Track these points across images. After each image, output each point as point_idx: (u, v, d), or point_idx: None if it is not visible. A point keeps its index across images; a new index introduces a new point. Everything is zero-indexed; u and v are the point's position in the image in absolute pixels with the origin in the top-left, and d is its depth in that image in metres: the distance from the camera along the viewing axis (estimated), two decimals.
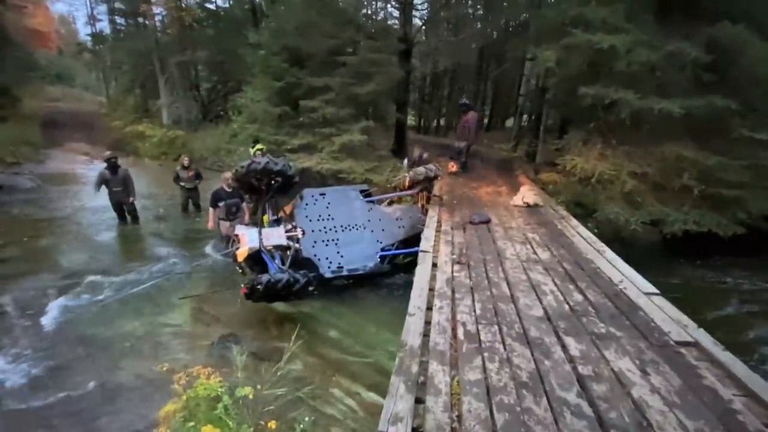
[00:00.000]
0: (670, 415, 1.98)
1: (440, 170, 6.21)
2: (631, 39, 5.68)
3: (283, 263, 4.64)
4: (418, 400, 2.11)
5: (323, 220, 5.61)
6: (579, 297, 3.32)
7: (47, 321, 4.19)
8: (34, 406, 3.06)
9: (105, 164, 7.05)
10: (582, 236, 4.91)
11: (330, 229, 5.56)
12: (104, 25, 23.67)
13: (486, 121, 22.25)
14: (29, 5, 23.94)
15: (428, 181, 6.39)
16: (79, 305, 4.54)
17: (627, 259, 4.09)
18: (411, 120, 22.97)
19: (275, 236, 4.79)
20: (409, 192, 6.62)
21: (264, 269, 4.64)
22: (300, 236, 5.00)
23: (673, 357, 2.48)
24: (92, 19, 24.34)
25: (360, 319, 4.53)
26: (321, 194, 5.90)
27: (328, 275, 5.04)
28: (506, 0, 15.35)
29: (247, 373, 2.51)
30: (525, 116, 15.01)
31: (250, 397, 1.93)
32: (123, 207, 7.38)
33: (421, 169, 6.17)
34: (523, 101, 13.45)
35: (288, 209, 5.72)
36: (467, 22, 17.43)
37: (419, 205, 6.48)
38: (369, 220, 5.78)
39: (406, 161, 8.65)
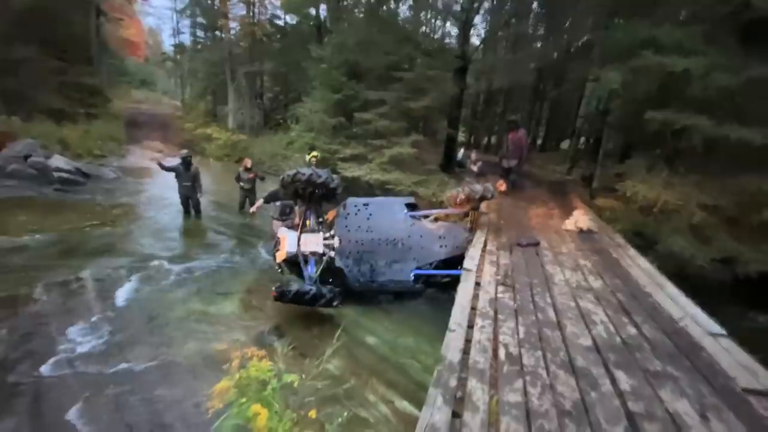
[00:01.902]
0: None
1: (495, 191, 5.73)
2: (708, 62, 5.33)
3: (317, 269, 4.80)
4: (455, 414, 2.12)
5: (362, 231, 5.57)
6: (633, 331, 3.13)
7: (119, 297, 4.67)
8: (101, 371, 3.41)
9: (180, 159, 7.75)
10: (640, 267, 4.62)
11: (367, 242, 5.51)
12: (186, 37, 26.18)
13: (540, 142, 21.65)
14: (126, 18, 27.13)
15: (481, 201, 6.02)
16: (146, 286, 5.01)
17: (692, 299, 3.78)
18: (461, 136, 22.91)
19: (312, 243, 4.90)
20: (459, 211, 6.27)
21: (300, 270, 4.87)
22: (336, 245, 5.04)
23: (739, 405, 2.27)
24: (176, 31, 27.00)
25: (399, 329, 4.57)
26: (364, 204, 5.80)
27: (355, 286, 5.14)
28: (569, 20, 14.98)
29: (287, 365, 2.64)
30: (582, 139, 14.43)
31: (295, 385, 2.04)
32: (189, 201, 8.06)
33: (478, 187, 5.73)
34: (582, 123, 12.96)
35: (331, 215, 5.77)
36: (526, 42, 17.18)
37: (467, 225, 6.13)
38: (409, 236, 5.60)
39: (461, 152, 8.62)
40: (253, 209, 6.84)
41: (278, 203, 6.28)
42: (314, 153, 8.00)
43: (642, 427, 2.06)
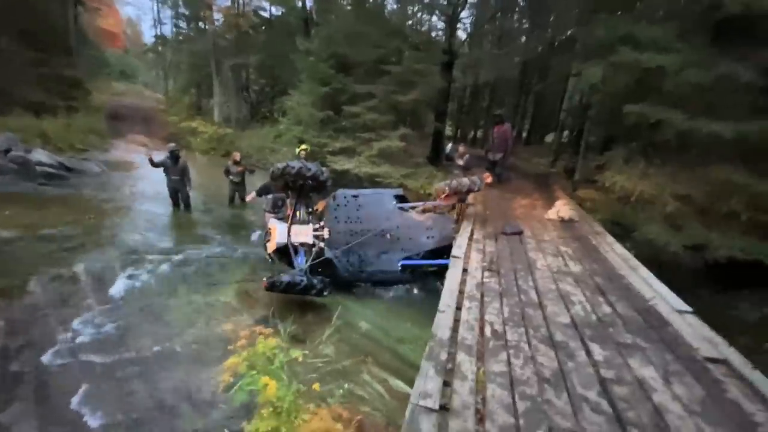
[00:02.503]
0: (689, 420, 2.07)
1: (482, 184, 5.93)
2: (682, 59, 5.62)
3: (307, 259, 4.95)
4: (446, 383, 2.31)
5: (351, 222, 5.72)
6: (608, 309, 3.38)
7: (114, 289, 4.73)
8: (103, 359, 3.51)
9: (168, 153, 7.74)
10: (616, 252, 4.91)
11: (356, 232, 5.65)
12: (168, 29, 25.61)
13: (525, 135, 22.05)
14: (103, 7, 26.34)
15: (468, 193, 6.23)
16: (140, 278, 5.07)
17: (666, 283, 4.05)
18: (448, 130, 23.14)
19: (303, 234, 5.04)
20: (447, 203, 6.39)
21: (290, 260, 5.01)
22: (326, 236, 5.16)
23: (699, 371, 2.53)
24: (157, 22, 26.36)
25: (392, 315, 4.76)
26: (354, 196, 5.91)
27: (344, 276, 5.31)
28: (554, 15, 15.25)
29: (289, 345, 2.79)
30: (566, 132, 14.80)
31: (299, 360, 2.20)
32: (178, 194, 8.06)
33: (465, 181, 5.93)
34: (565, 116, 13.32)
35: (321, 206, 5.89)
36: (512, 36, 17.44)
37: (454, 216, 6.36)
38: (398, 227, 5.76)
39: (450, 145, 8.85)
40: (248, 198, 7.03)
41: (270, 196, 6.38)
42: (303, 146, 8.08)
43: (612, 390, 2.30)
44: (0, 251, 5.41)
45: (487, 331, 2.93)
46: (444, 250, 5.59)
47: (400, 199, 6.35)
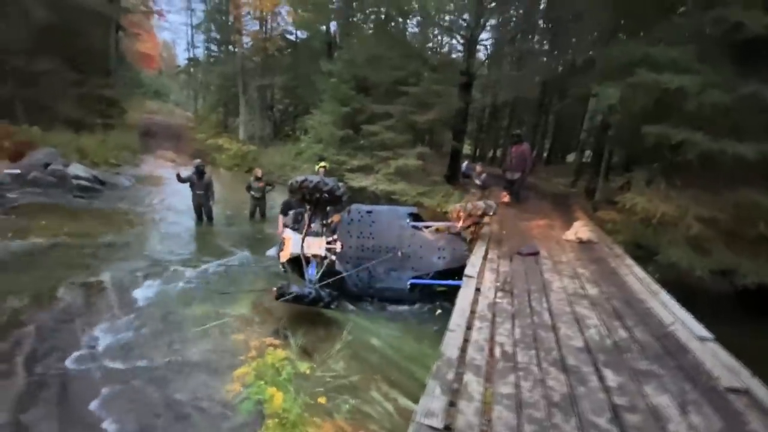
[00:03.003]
0: None
1: (497, 208, 5.87)
2: (702, 80, 5.54)
3: (318, 271, 5.00)
4: (452, 404, 2.30)
5: (363, 237, 5.77)
6: (624, 334, 3.29)
7: (137, 299, 4.92)
8: (122, 366, 3.63)
9: (194, 169, 8.09)
10: (636, 276, 4.78)
11: (367, 248, 5.71)
12: (200, 51, 27.03)
13: (545, 155, 21.85)
14: (142, 32, 28.09)
15: (483, 217, 6.17)
16: (162, 288, 5.27)
17: (691, 309, 3.90)
18: (468, 149, 23.20)
19: (315, 246, 5.08)
20: (460, 225, 6.15)
21: (302, 271, 5.09)
22: (338, 249, 5.18)
23: (719, 401, 2.43)
24: (191, 45, 27.90)
25: (404, 333, 4.74)
26: (368, 212, 5.97)
27: (352, 291, 5.33)
28: (574, 37, 15.31)
29: (298, 358, 2.84)
30: (588, 152, 14.61)
31: (307, 373, 2.25)
32: (202, 208, 8.38)
33: (480, 204, 5.95)
34: (586, 137, 13.18)
35: (336, 219, 5.82)
36: (531, 57, 17.54)
37: (468, 237, 6.22)
38: (409, 246, 5.75)
39: (466, 163, 8.88)
40: (280, 230, 6.71)
41: (291, 212, 6.53)
42: (322, 163, 8.30)
43: (624, 417, 2.23)
44: (34, 259, 5.74)
45: (497, 352, 2.90)
46: (455, 271, 5.54)
47: (414, 217, 6.37)
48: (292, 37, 21.73)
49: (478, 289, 4.14)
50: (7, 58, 13.46)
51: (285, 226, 6.61)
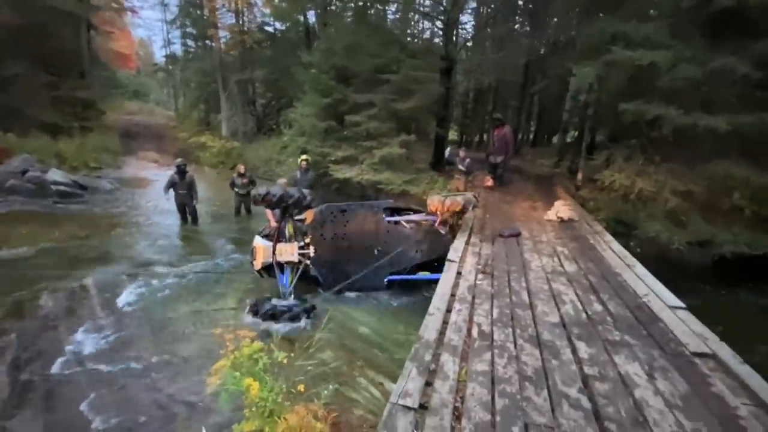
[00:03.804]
0: (669, 415, 2.07)
1: (478, 201, 5.66)
2: (674, 55, 5.61)
3: (291, 278, 4.97)
4: (428, 383, 2.36)
5: (337, 239, 5.60)
6: (599, 307, 3.38)
7: (120, 301, 4.91)
8: (108, 368, 3.64)
9: (175, 168, 7.99)
10: (614, 251, 4.88)
11: (342, 250, 5.56)
12: (177, 48, 26.42)
13: (531, 137, 21.95)
14: (115, 30, 27.30)
15: (462, 213, 6.07)
16: (146, 290, 5.24)
17: (670, 280, 3.99)
18: (453, 135, 23.17)
19: (288, 253, 4.94)
20: (438, 218, 6.09)
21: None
22: (311, 254, 5.06)
23: (685, 366, 2.52)
24: (167, 42, 27.23)
25: (390, 320, 4.81)
26: (342, 211, 5.75)
27: (328, 291, 5.28)
28: (555, 16, 15.26)
29: (280, 349, 2.87)
30: (572, 133, 14.72)
31: (284, 362, 2.28)
32: (186, 208, 8.29)
33: (459, 199, 5.72)
34: (569, 117, 13.24)
35: (309, 217, 5.56)
36: (512, 38, 17.47)
37: (447, 227, 6.14)
38: (386, 242, 5.66)
39: (449, 149, 8.86)
40: (272, 223, 6.54)
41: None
42: (304, 157, 8.24)
43: (593, 386, 2.31)
44: (15, 267, 5.65)
45: (474, 332, 2.96)
46: (433, 264, 5.58)
47: (391, 211, 6.26)
48: (270, 29, 21.35)
49: (459, 273, 4.20)
50: None
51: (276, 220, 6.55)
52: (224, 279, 5.80)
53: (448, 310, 3.33)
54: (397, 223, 6.10)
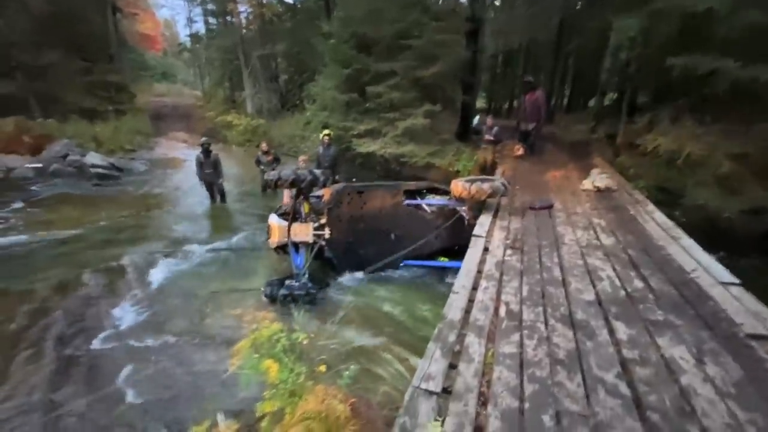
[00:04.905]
0: (721, 404, 1.88)
1: (507, 190, 5.13)
2: None
3: (306, 259, 4.86)
4: (452, 366, 2.26)
5: (354, 221, 5.31)
6: (639, 284, 3.13)
7: (154, 279, 5.10)
8: (144, 344, 3.81)
9: (200, 148, 8.10)
10: (657, 222, 4.51)
11: (357, 231, 5.30)
12: (200, 26, 26.42)
13: (566, 101, 20.62)
14: (139, 12, 27.60)
15: (487, 198, 5.28)
16: (179, 267, 5.43)
17: (721, 252, 3.65)
18: (482, 102, 22.19)
19: (302, 233, 4.87)
20: (460, 205, 5.55)
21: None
22: (327, 236, 4.93)
23: (740, 349, 2.29)
24: (190, 21, 27.24)
25: (416, 296, 4.73)
26: (359, 192, 5.39)
27: (343, 275, 5.17)
28: None
29: (303, 328, 2.86)
30: (610, 94, 13.66)
31: (305, 342, 2.25)
32: (213, 187, 8.44)
33: (485, 187, 5.03)
34: (607, 78, 12.24)
35: (327, 194, 5.28)
36: None
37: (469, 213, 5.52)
38: (404, 226, 5.45)
39: (477, 118, 8.46)
40: (285, 201, 6.53)
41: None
42: (326, 132, 8.08)
43: (634, 371, 2.14)
44: (59, 249, 5.99)
45: (502, 311, 2.82)
46: (454, 251, 5.33)
47: (411, 194, 5.95)
48: (290, 0, 20.81)
49: (486, 249, 4.02)
50: (12, 53, 13.54)
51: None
52: (252, 255, 5.91)
53: (474, 288, 3.19)
54: (418, 206, 5.81)
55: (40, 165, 10.78)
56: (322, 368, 2.29)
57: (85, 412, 2.97)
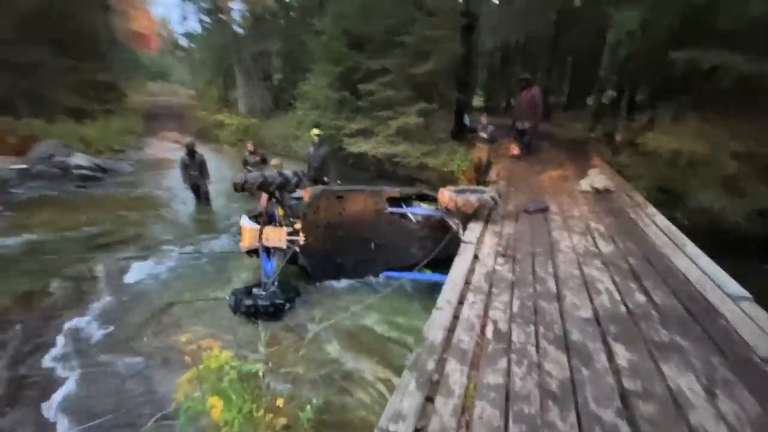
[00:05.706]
0: None
1: (497, 204, 4.75)
2: None
3: (278, 266, 4.61)
4: (429, 399, 1.98)
5: (331, 228, 4.94)
6: (641, 298, 2.85)
7: (124, 287, 4.82)
8: (102, 362, 3.52)
9: (185, 149, 7.80)
10: (659, 227, 4.23)
11: (335, 239, 4.94)
12: (194, 25, 26.06)
13: (564, 99, 20.31)
14: (132, 9, 27.18)
15: (477, 211, 4.76)
16: (154, 274, 5.15)
17: (726, 259, 3.37)
18: (479, 101, 21.89)
19: (275, 238, 4.61)
20: (447, 215, 5.02)
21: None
22: (301, 242, 4.64)
23: (755, 378, 2.01)
24: (183, 19, 26.85)
25: (398, 307, 4.45)
26: (338, 196, 4.99)
27: (316, 283, 4.89)
28: None
29: (274, 349, 2.57)
30: (609, 92, 13.35)
31: (259, 374, 1.97)
32: (199, 188, 8.15)
33: (473, 199, 4.57)
34: (605, 74, 11.95)
35: (306, 194, 4.97)
36: None
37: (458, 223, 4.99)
38: (385, 236, 5.06)
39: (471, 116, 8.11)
40: (263, 203, 6.37)
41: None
42: (315, 131, 7.78)
43: (636, 407, 1.86)
44: (31, 255, 5.69)
45: (489, 331, 2.54)
46: (439, 263, 4.83)
47: (395, 201, 5.52)
48: None
49: (476, 257, 3.74)
50: None
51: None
52: (230, 259, 5.61)
53: (460, 302, 2.91)
54: (402, 215, 5.39)
55: (24, 166, 10.42)
56: (280, 402, 2.00)
57: None
